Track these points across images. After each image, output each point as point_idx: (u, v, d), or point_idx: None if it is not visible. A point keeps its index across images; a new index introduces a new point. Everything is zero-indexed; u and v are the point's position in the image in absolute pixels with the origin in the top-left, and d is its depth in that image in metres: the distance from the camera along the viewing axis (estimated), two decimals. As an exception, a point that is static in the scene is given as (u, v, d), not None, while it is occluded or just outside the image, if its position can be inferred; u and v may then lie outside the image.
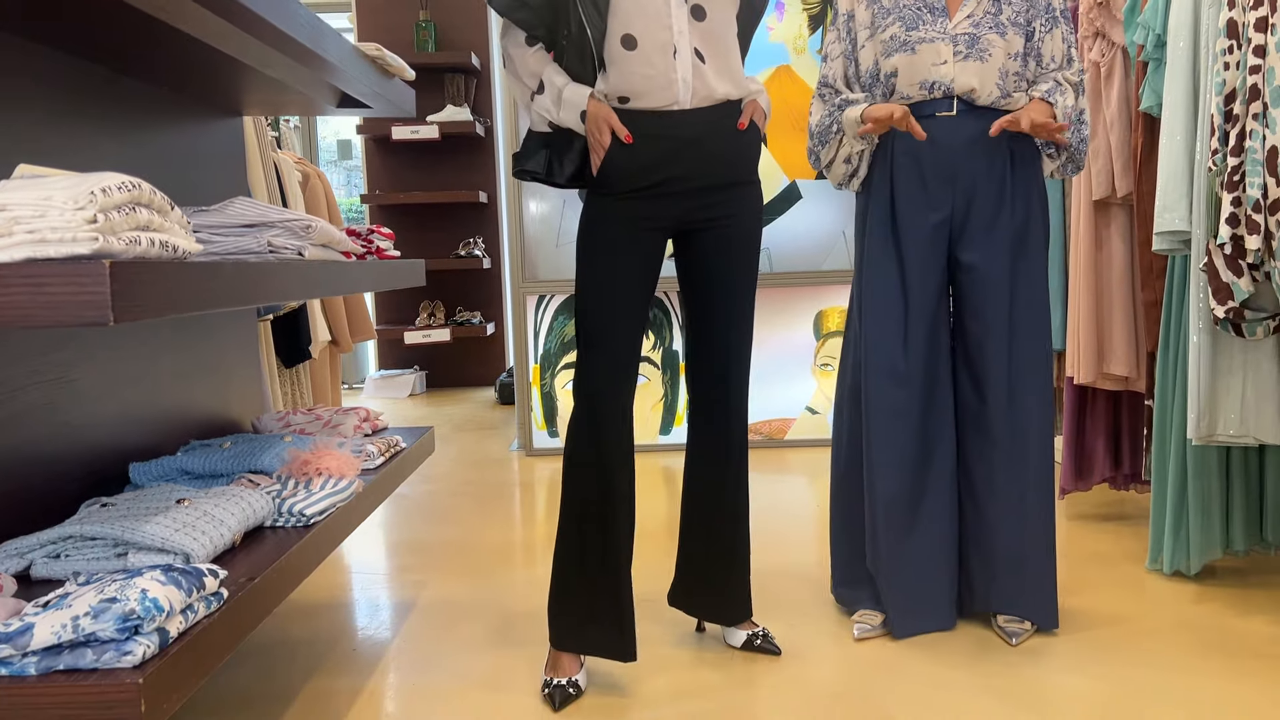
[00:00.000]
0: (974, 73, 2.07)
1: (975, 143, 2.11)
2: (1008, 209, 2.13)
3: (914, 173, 2.14)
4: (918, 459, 2.18)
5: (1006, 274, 2.13)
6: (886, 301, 2.17)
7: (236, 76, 1.97)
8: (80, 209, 1.01)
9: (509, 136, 4.23)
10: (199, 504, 1.48)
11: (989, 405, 2.15)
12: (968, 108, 2.11)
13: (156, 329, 1.94)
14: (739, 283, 1.98)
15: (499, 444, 4.64)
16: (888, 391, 2.16)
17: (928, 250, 2.15)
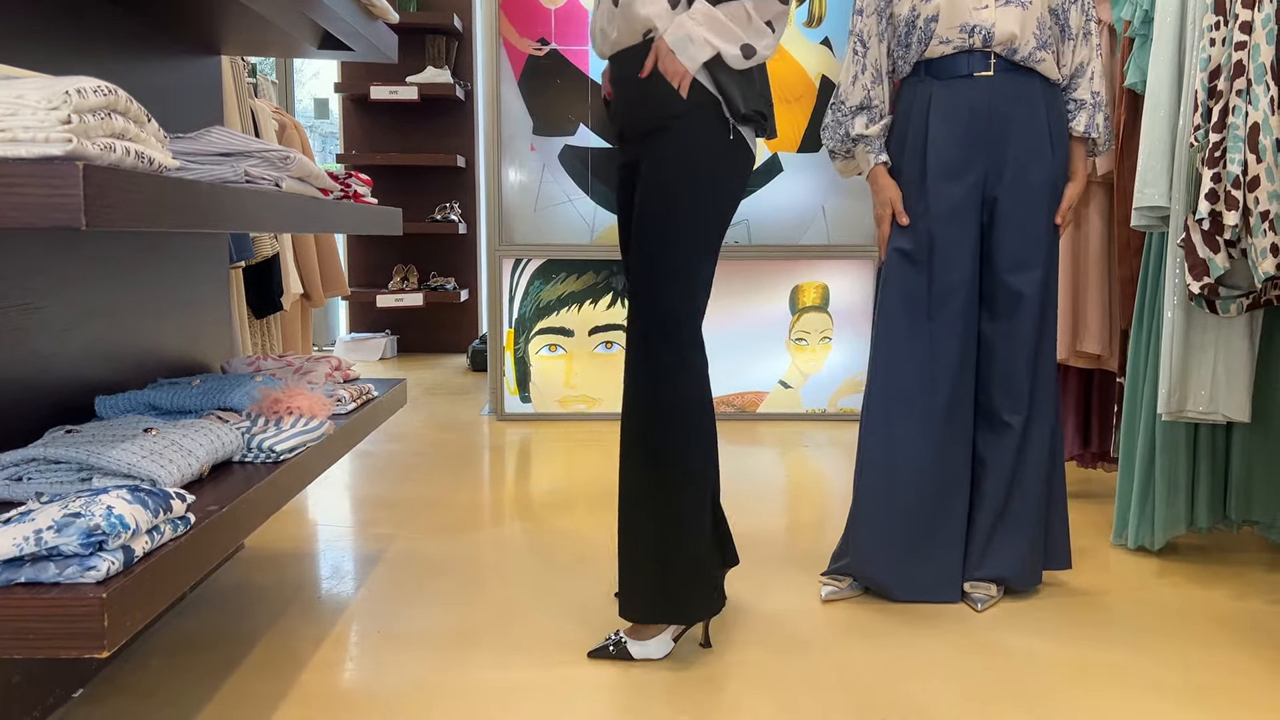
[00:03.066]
0: (1015, 19, 2.04)
1: (1013, 104, 2.09)
2: (1045, 196, 2.14)
3: (948, 132, 2.11)
4: (941, 438, 2.16)
5: (1039, 290, 2.14)
6: (915, 270, 2.15)
7: (218, 8, 1.93)
8: (54, 109, 0.98)
9: (490, 100, 4.18)
10: (167, 434, 1.45)
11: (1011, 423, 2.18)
12: (1005, 65, 2.09)
13: (127, 263, 1.90)
14: (641, 225, 1.84)
15: (470, 409, 4.61)
16: (912, 366, 2.15)
17: (960, 210, 2.12)
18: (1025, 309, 2.14)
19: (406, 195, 6.29)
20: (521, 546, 2.59)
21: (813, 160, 4.26)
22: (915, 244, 2.14)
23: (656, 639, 1.89)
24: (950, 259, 2.12)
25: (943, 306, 2.13)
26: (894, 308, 2.16)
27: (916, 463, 2.14)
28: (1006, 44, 2.05)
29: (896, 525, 2.16)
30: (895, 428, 2.16)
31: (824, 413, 4.36)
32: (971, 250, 2.13)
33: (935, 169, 2.11)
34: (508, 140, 4.20)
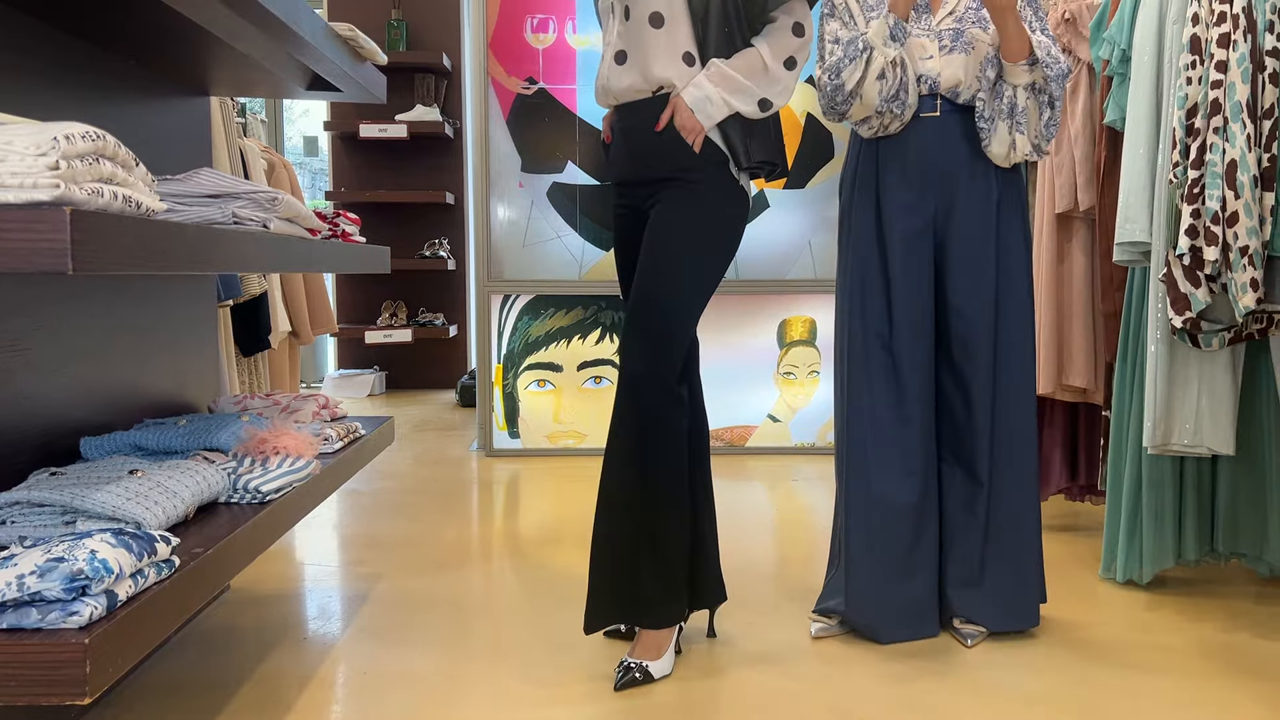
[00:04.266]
0: (959, 65, 2.08)
1: (960, 145, 2.13)
2: (993, 232, 2.14)
3: (900, 173, 2.14)
4: (914, 468, 2.16)
5: (992, 320, 2.14)
6: (874, 304, 2.17)
7: (207, 51, 1.95)
8: (42, 155, 0.99)
9: (479, 138, 4.21)
10: (152, 475, 1.45)
11: (974, 442, 2.17)
12: (951, 107, 2.12)
13: (114, 303, 1.90)
14: (643, 266, 1.93)
15: (459, 445, 4.60)
16: (876, 396, 2.16)
17: (914, 248, 2.14)
18: (978, 347, 2.15)
19: (395, 231, 6.31)
20: (510, 584, 2.57)
21: (799, 196, 4.29)
22: (874, 276, 2.16)
23: (666, 655, 1.97)
24: (908, 293, 2.14)
25: (905, 340, 2.15)
26: (858, 340, 2.18)
27: (894, 506, 2.15)
28: (952, 88, 2.11)
29: (878, 570, 2.15)
30: (871, 468, 2.16)
31: (813, 446, 4.37)
32: (927, 286, 2.16)
33: (889, 208, 2.15)
34: (496, 177, 4.23)
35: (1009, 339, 2.17)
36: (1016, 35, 2.04)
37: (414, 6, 6.30)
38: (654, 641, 1.97)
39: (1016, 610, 2.19)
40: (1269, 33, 2.07)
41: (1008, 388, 2.17)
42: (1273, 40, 2.07)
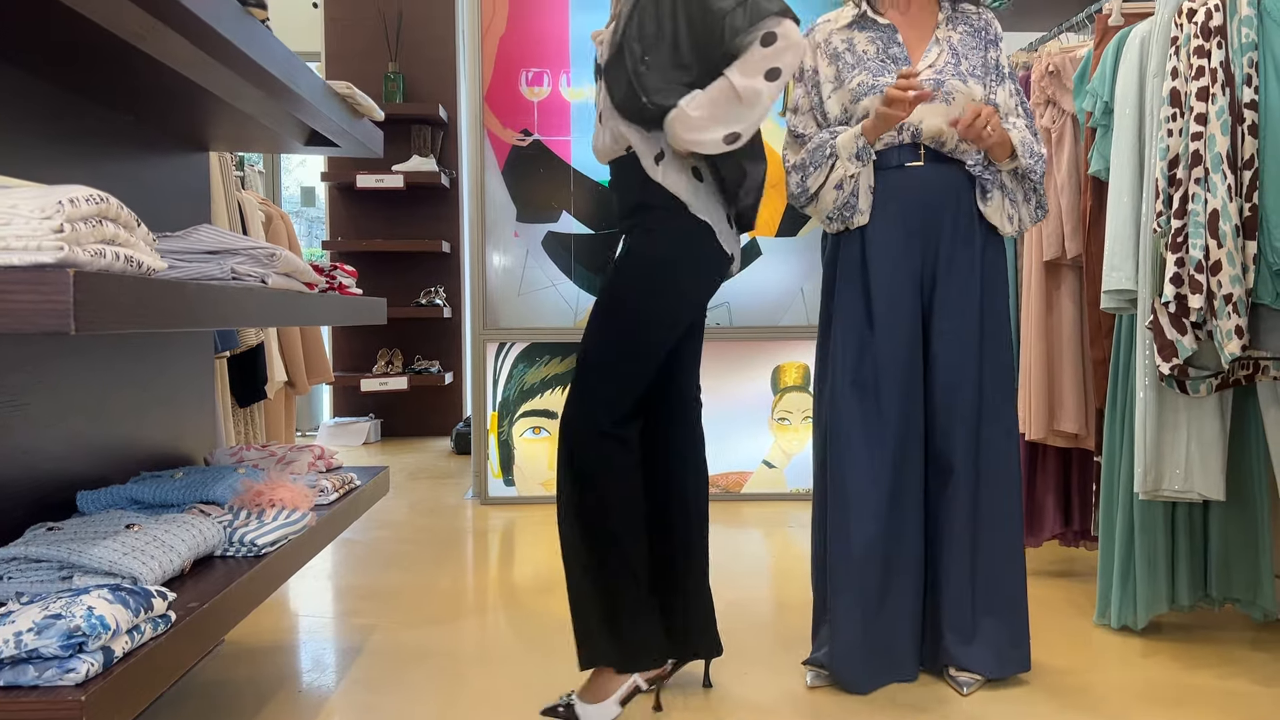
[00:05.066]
0: (940, 114, 2.12)
1: (944, 194, 2.16)
2: (977, 279, 2.17)
3: (884, 222, 2.16)
4: (890, 509, 2.16)
5: (975, 363, 2.17)
6: (857, 350, 2.18)
7: (206, 109, 1.98)
8: (47, 218, 1.01)
9: (475, 188, 4.26)
10: (149, 529, 1.46)
11: (957, 491, 2.18)
12: (935, 157, 2.16)
13: (112, 358, 1.92)
14: (590, 319, 2.02)
15: (454, 493, 4.60)
16: (858, 444, 2.16)
17: (899, 295, 2.16)
18: (961, 392, 2.16)
19: (392, 280, 6.35)
20: (505, 633, 2.57)
21: (791, 244, 4.34)
22: (858, 322, 2.18)
23: (604, 703, 1.97)
24: (892, 340, 2.16)
25: (888, 386, 2.16)
26: (842, 388, 2.19)
27: (873, 552, 2.15)
28: (934, 138, 2.14)
29: (856, 616, 2.14)
30: (851, 514, 2.17)
31: (808, 492, 4.36)
32: (912, 333, 2.17)
33: (873, 257, 2.17)
34: (492, 226, 4.27)
35: (992, 384, 2.19)
36: (998, 146, 2.12)
37: (411, 60, 6.40)
38: (596, 683, 2.00)
39: (1010, 656, 2.19)
40: (1246, 86, 2.12)
41: (991, 433, 2.19)
42: (1250, 93, 2.12)
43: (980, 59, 2.19)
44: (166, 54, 1.54)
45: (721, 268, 2.02)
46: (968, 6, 2.24)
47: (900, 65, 2.16)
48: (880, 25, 2.19)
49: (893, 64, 2.16)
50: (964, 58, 2.17)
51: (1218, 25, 2.15)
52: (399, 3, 6.34)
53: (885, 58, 2.16)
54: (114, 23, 1.40)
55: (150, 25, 1.40)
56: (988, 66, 2.20)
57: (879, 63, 2.16)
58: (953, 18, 2.23)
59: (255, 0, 1.57)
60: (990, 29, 2.25)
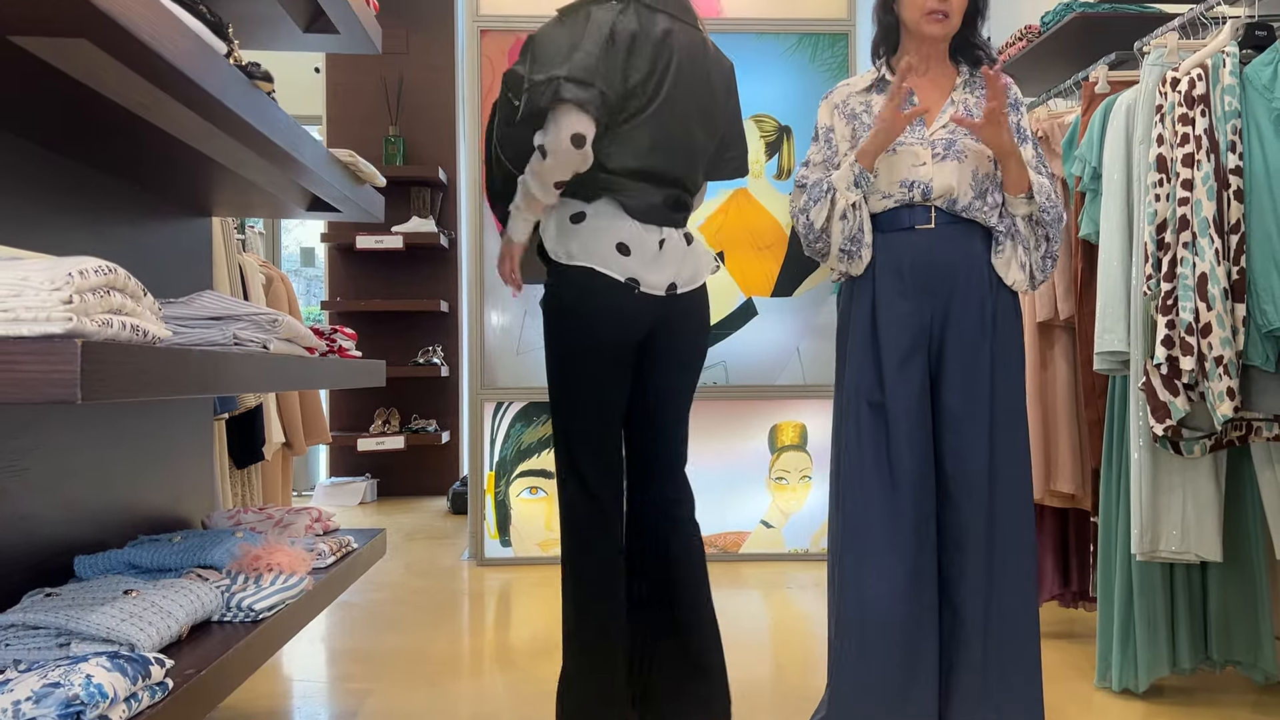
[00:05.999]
0: (951, 172, 2.13)
1: (954, 255, 2.17)
2: (988, 342, 2.17)
3: (895, 282, 2.17)
4: (907, 574, 2.15)
5: (987, 430, 2.16)
6: (870, 412, 2.19)
7: (210, 176, 2.02)
8: (56, 289, 1.03)
9: (474, 249, 4.31)
10: (146, 595, 1.46)
11: (973, 561, 2.17)
12: (946, 218, 2.17)
13: (112, 421, 1.93)
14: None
15: (450, 554, 4.57)
16: (874, 505, 2.16)
17: (909, 357, 2.17)
18: (974, 456, 2.16)
19: (390, 339, 6.38)
20: (501, 698, 2.54)
21: (786, 304, 4.38)
22: (870, 384, 2.19)
23: None
24: (903, 401, 2.16)
25: (900, 449, 2.16)
26: (855, 448, 2.19)
27: (888, 613, 2.13)
28: (945, 197, 2.15)
29: (874, 685, 2.13)
30: (867, 574, 2.16)
31: (806, 553, 4.35)
32: (921, 394, 2.17)
33: (883, 317, 2.18)
34: (491, 287, 4.31)
35: (1005, 447, 2.19)
36: (1017, 170, 2.13)
37: (411, 123, 6.50)
38: None
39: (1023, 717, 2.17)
40: (1231, 152, 2.17)
41: (1005, 496, 2.18)
42: (1235, 159, 2.16)
43: None
44: (172, 124, 1.58)
45: (618, 301, 2.04)
46: (987, 70, 2.28)
47: (918, 125, 2.18)
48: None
49: (909, 124, 2.19)
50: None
51: (1201, 94, 2.21)
52: (400, 68, 6.45)
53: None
54: (121, 94, 1.43)
55: (156, 97, 1.43)
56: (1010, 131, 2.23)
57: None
58: (970, 81, 2.26)
59: (261, 73, 1.61)
60: (1010, 91, 2.28)
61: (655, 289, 2.07)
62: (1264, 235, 2.12)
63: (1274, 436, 2.22)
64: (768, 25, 4.32)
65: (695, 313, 2.20)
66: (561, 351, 2.09)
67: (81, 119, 1.57)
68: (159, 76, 1.31)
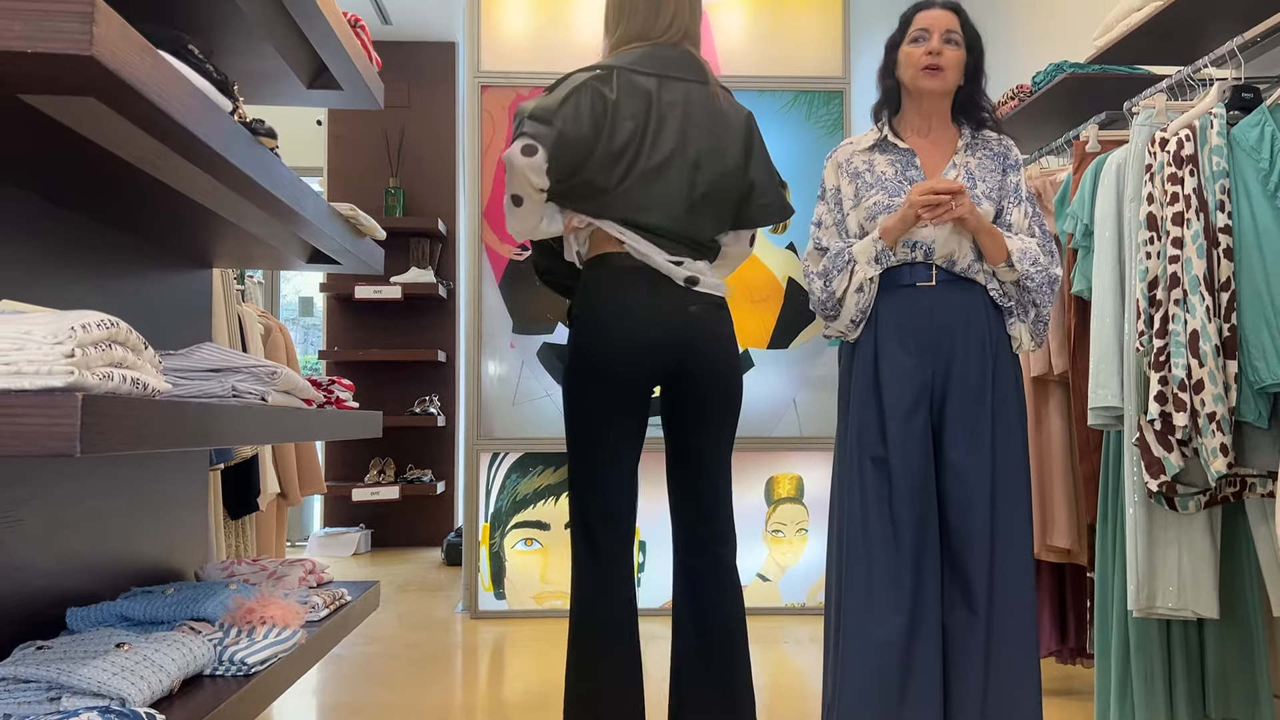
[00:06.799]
0: (953, 234, 2.19)
1: (954, 314, 2.21)
2: (988, 399, 2.20)
3: (896, 340, 2.21)
4: (908, 629, 2.15)
5: (989, 484, 2.18)
6: (873, 467, 2.21)
7: (211, 229, 2.04)
8: (59, 343, 1.04)
9: (472, 301, 4.34)
10: (138, 649, 1.45)
11: (975, 614, 2.17)
12: (947, 277, 2.21)
13: (108, 471, 1.93)
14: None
15: (444, 606, 4.54)
16: (878, 561, 2.17)
17: (910, 414, 2.19)
18: (976, 509, 2.18)
19: (386, 388, 6.39)
20: (494, 756, 2.51)
21: (782, 356, 4.40)
22: (873, 440, 2.21)
23: None
24: (905, 458, 2.18)
25: (904, 503, 2.18)
26: (859, 508, 2.20)
27: (890, 657, 2.14)
28: (947, 257, 2.20)
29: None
30: (870, 621, 2.16)
31: (803, 607, 4.32)
32: (924, 450, 2.19)
33: (885, 375, 2.21)
34: (488, 338, 4.33)
35: (1006, 505, 2.20)
36: (989, 245, 2.19)
37: (411, 175, 6.57)
38: None
39: None
40: (1220, 211, 2.20)
41: (1006, 554, 2.19)
42: (1224, 218, 2.19)
43: (998, 182, 2.28)
44: (176, 179, 1.60)
45: (607, 348, 2.16)
46: (989, 133, 2.34)
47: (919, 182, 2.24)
48: (900, 149, 2.29)
49: (909, 185, 2.24)
50: (980, 180, 2.26)
51: (1189, 154, 2.24)
52: (401, 121, 6.54)
53: (903, 179, 2.25)
54: (127, 150, 1.45)
55: (162, 153, 1.45)
56: (1005, 190, 2.28)
57: (896, 183, 2.25)
58: (972, 144, 2.32)
59: (265, 129, 1.63)
60: (1010, 155, 2.34)
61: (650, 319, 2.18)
62: (1254, 293, 2.14)
63: (1268, 493, 2.22)
64: (764, 83, 4.39)
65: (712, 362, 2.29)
66: (566, 396, 2.27)
67: (87, 173, 1.59)
68: (166, 134, 1.33)
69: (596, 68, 2.15)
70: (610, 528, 2.19)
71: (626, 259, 2.14)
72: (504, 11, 4.37)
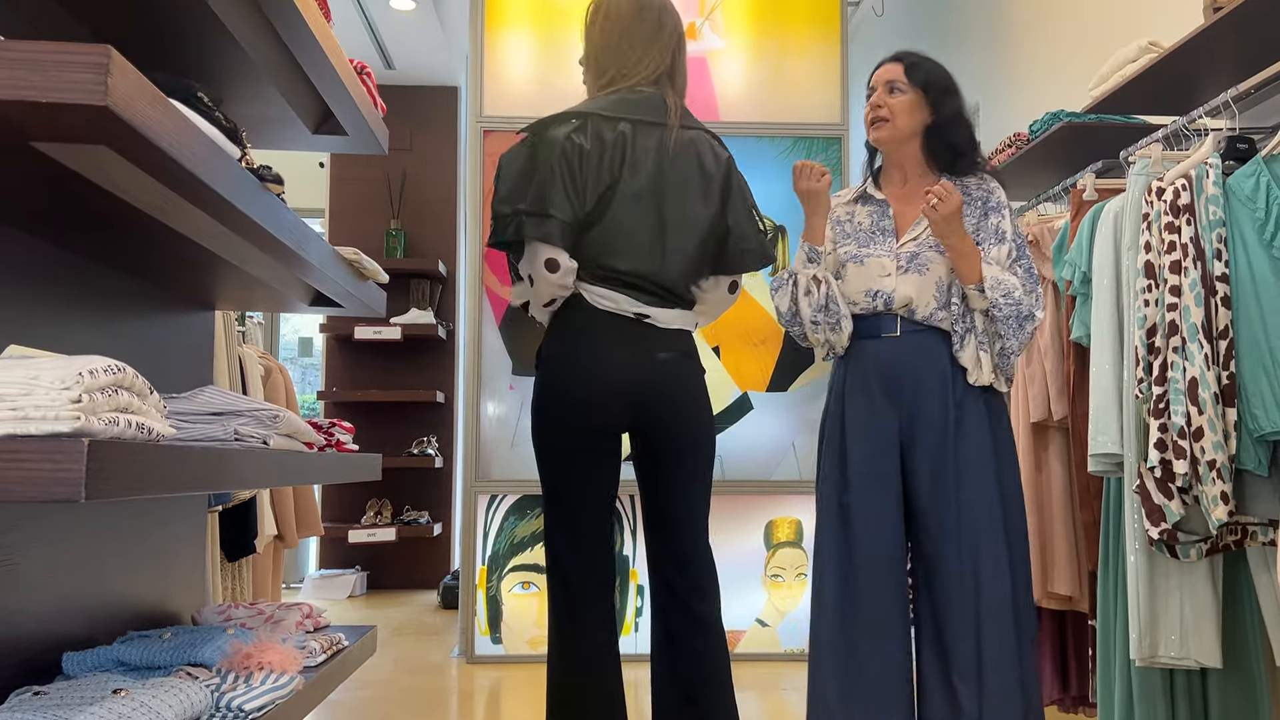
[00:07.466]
0: (913, 285, 2.25)
1: (918, 363, 2.25)
2: (951, 449, 2.22)
3: (861, 387, 2.27)
4: (855, 674, 2.17)
5: (956, 536, 2.19)
6: (837, 521, 2.25)
7: (216, 272, 2.05)
8: (66, 389, 1.05)
9: (472, 343, 4.35)
10: (135, 695, 1.44)
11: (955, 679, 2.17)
12: (911, 326, 2.26)
13: (107, 514, 1.93)
14: None
15: (439, 650, 4.50)
16: (829, 606, 2.21)
17: (873, 467, 2.23)
18: (947, 563, 2.19)
19: (384, 429, 6.38)
20: (491, 805, 2.48)
21: (782, 399, 4.40)
22: (840, 492, 2.26)
23: None
24: (867, 511, 2.22)
25: (861, 551, 2.21)
26: (824, 553, 2.26)
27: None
28: (906, 306, 2.26)
29: None
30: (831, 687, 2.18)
31: (802, 653, 4.28)
32: (888, 503, 2.23)
33: (851, 426, 2.27)
34: (487, 379, 4.33)
35: (986, 553, 2.20)
36: (961, 258, 2.22)
37: (412, 217, 6.61)
38: None
39: None
40: (1217, 260, 2.21)
41: (985, 604, 2.19)
42: (1221, 267, 2.21)
43: (974, 226, 2.32)
44: (184, 224, 1.61)
45: (570, 395, 2.18)
46: (969, 179, 2.38)
47: (889, 238, 2.31)
48: (877, 200, 2.37)
49: (881, 236, 2.31)
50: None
51: (1186, 203, 2.26)
52: (403, 164, 6.59)
53: (876, 230, 2.32)
54: (136, 197, 1.47)
55: (171, 199, 1.47)
56: (985, 230, 2.32)
57: (868, 234, 2.32)
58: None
59: (272, 176, 1.65)
60: (992, 197, 2.38)
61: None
62: (1252, 341, 2.15)
63: (1269, 541, 2.22)
64: (763, 129, 4.44)
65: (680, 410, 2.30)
66: (546, 450, 2.30)
67: (95, 218, 1.60)
68: (176, 181, 1.35)
69: (570, 116, 2.17)
70: (586, 574, 2.19)
71: (592, 304, 2.16)
72: (506, 57, 4.42)
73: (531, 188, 2.10)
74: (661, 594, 2.26)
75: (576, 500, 2.19)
